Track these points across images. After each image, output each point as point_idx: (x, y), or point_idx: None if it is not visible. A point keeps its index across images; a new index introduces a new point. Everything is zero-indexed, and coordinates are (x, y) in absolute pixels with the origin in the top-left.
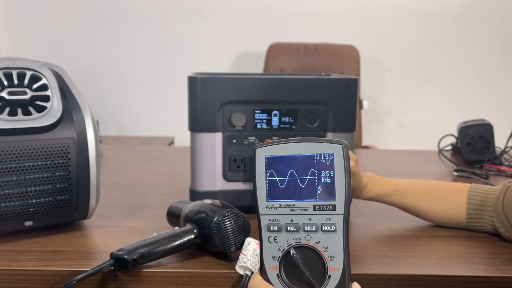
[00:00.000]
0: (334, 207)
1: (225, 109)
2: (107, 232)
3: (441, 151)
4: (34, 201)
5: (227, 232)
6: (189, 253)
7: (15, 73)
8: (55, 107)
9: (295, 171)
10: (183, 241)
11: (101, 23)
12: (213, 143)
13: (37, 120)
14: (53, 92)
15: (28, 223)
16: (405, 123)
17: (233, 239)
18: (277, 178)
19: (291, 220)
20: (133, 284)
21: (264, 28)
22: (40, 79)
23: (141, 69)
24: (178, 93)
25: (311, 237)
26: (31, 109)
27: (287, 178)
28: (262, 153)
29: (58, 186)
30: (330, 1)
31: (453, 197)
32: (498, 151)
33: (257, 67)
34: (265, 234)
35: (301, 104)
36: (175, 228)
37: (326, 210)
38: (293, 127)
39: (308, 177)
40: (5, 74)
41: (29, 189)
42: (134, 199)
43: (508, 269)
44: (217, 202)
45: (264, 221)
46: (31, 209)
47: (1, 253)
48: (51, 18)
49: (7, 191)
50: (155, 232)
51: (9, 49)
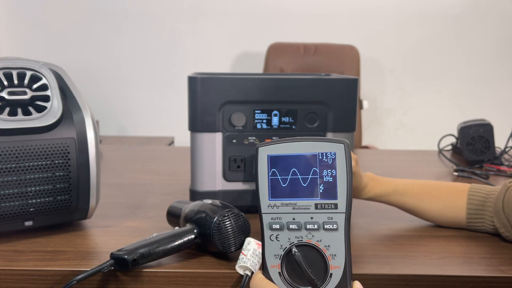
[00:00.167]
0: (336, 206)
1: (225, 109)
2: (107, 232)
3: (441, 151)
4: (34, 201)
5: (227, 232)
6: (189, 253)
7: (15, 73)
8: (55, 107)
9: (297, 170)
10: (183, 241)
11: (101, 23)
12: (213, 143)
13: (37, 120)
14: (53, 92)
15: (28, 223)
16: (405, 123)
17: (233, 239)
18: (279, 177)
19: (293, 218)
20: (133, 284)
21: (264, 28)
22: (40, 79)
23: (141, 69)
24: (178, 93)
25: (313, 236)
26: (31, 109)
27: (289, 177)
28: (264, 152)
29: (58, 186)
30: (330, 1)
31: (453, 197)
32: (498, 151)
33: (257, 67)
34: (267, 232)
35: (301, 104)
36: (175, 228)
37: (328, 208)
38: (293, 127)
39: (310, 176)
40: (5, 74)
41: (29, 189)
42: (134, 199)
43: (508, 269)
44: (217, 202)
45: (266, 219)
46: (31, 209)
47: (1, 253)
48: (51, 18)
49: (7, 191)
50: (155, 232)
51: (9, 49)
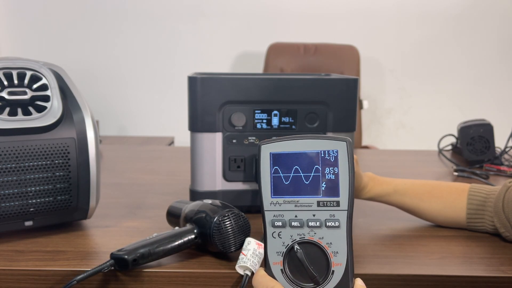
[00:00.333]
0: (338, 203)
1: (225, 109)
2: (107, 232)
3: (441, 151)
4: (34, 201)
5: (227, 232)
6: (189, 253)
7: (15, 73)
8: (55, 107)
9: (299, 168)
10: (183, 241)
11: (101, 23)
12: (213, 143)
13: (37, 120)
14: (53, 92)
15: (28, 223)
16: (405, 123)
17: (233, 239)
18: (281, 174)
19: (295, 216)
20: (133, 284)
21: (264, 28)
22: (40, 79)
23: (141, 69)
24: (178, 93)
25: (315, 233)
26: (31, 109)
27: (292, 174)
28: (267, 150)
29: (58, 186)
30: (330, 1)
31: (453, 197)
32: (498, 151)
33: (257, 67)
34: (269, 229)
35: (301, 104)
36: (175, 228)
37: (330, 206)
38: (293, 127)
39: (312, 174)
40: (5, 74)
41: (29, 189)
42: (134, 199)
43: (508, 269)
44: (217, 202)
45: (268, 216)
46: (31, 209)
47: (1, 253)
48: (51, 18)
49: (7, 191)
50: (155, 232)
51: (9, 49)
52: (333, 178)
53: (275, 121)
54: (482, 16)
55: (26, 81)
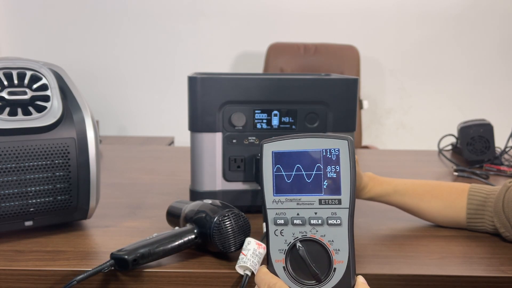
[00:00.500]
0: (339, 201)
1: (225, 109)
2: (107, 232)
3: (441, 151)
4: (34, 201)
5: (227, 232)
6: (189, 253)
7: (15, 73)
8: (55, 107)
9: (301, 166)
10: (183, 241)
11: (101, 23)
12: (213, 143)
13: (37, 120)
14: (53, 92)
15: (28, 223)
16: (405, 123)
17: (233, 239)
18: (283, 173)
19: (297, 214)
20: (133, 284)
21: (264, 28)
22: (40, 79)
23: (141, 69)
24: (178, 93)
25: (317, 231)
26: (31, 109)
27: (294, 173)
28: (269, 149)
29: (58, 186)
30: (330, 1)
31: (453, 197)
32: (498, 151)
33: (257, 67)
34: (271, 227)
35: (301, 104)
36: (175, 228)
37: (331, 204)
38: (293, 127)
39: (314, 172)
40: (5, 74)
41: (29, 189)
42: (134, 199)
43: (508, 269)
44: (217, 202)
45: (271, 214)
46: (31, 209)
47: (1, 253)
48: (51, 18)
49: (7, 191)
50: (155, 232)
51: (9, 49)
52: (335, 176)
53: (275, 121)
54: (482, 16)
55: (26, 81)
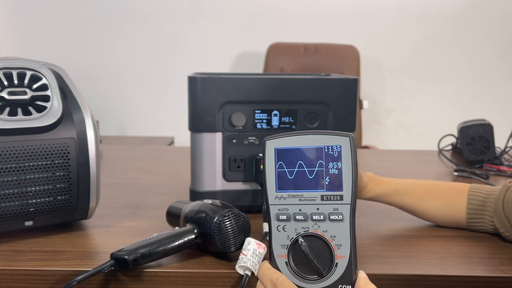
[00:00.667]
0: (341, 197)
1: (225, 109)
2: (107, 232)
3: (441, 151)
4: (34, 201)
5: (227, 232)
6: (189, 253)
7: (15, 73)
8: (55, 107)
9: (303, 163)
10: (183, 241)
11: (101, 23)
12: (213, 143)
13: (37, 120)
14: (53, 92)
15: (28, 223)
16: (405, 123)
17: (233, 239)
18: (286, 169)
19: (300, 209)
20: (133, 284)
21: (264, 28)
22: (40, 79)
23: (141, 69)
24: (178, 93)
25: (319, 226)
26: (31, 109)
27: (296, 169)
28: (271, 145)
29: (58, 186)
30: (330, 1)
31: (453, 197)
32: (498, 151)
33: (257, 67)
34: (274, 223)
35: (301, 104)
36: (176, 228)
37: (333, 200)
38: (293, 127)
39: (316, 169)
40: (5, 74)
41: (29, 189)
42: (134, 199)
43: (508, 269)
44: (217, 202)
45: (273, 210)
46: (31, 209)
47: (1, 253)
48: (51, 18)
49: (7, 191)
50: (155, 232)
51: (9, 49)
52: (337, 172)
53: (275, 121)
54: (482, 16)
55: (26, 81)
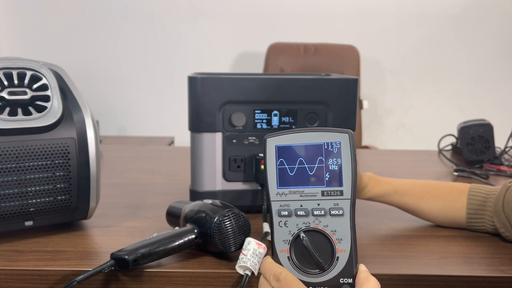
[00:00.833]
0: (341, 193)
1: (225, 109)
2: (107, 232)
3: (441, 151)
4: (34, 201)
5: (227, 232)
6: (189, 253)
7: (15, 73)
8: (55, 107)
9: (304, 159)
10: (183, 241)
11: (101, 23)
12: (213, 143)
13: (37, 120)
14: (53, 92)
15: (28, 223)
16: (405, 123)
17: (233, 239)
18: (286, 166)
19: (301, 205)
20: (133, 284)
21: (264, 28)
22: (40, 79)
23: (141, 69)
24: (178, 93)
25: (320, 221)
26: (31, 109)
27: (296, 166)
28: (272, 143)
29: (58, 186)
30: (330, 1)
31: (453, 197)
32: (498, 151)
33: (257, 67)
34: (276, 219)
35: (301, 104)
36: (176, 228)
37: (334, 195)
38: (293, 127)
39: (316, 165)
40: (5, 74)
41: (29, 189)
42: (134, 199)
43: (508, 269)
44: (217, 202)
45: (275, 206)
46: (31, 209)
47: (1, 253)
48: (51, 18)
49: (7, 191)
50: (155, 232)
51: (9, 49)
52: (336, 168)
53: (275, 121)
54: (482, 16)
55: (26, 81)
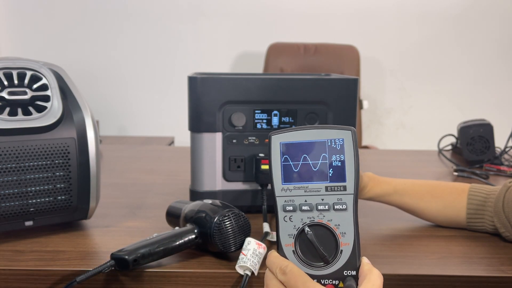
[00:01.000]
0: (344, 188)
1: (225, 109)
2: (107, 232)
3: (441, 151)
4: (34, 201)
5: (227, 232)
6: (189, 253)
7: (15, 73)
8: (55, 107)
9: (308, 156)
10: (183, 241)
11: (101, 23)
12: (213, 143)
13: (37, 120)
14: (53, 92)
15: (28, 223)
16: (405, 123)
17: (233, 239)
18: (291, 162)
19: (305, 200)
20: (133, 284)
21: (264, 28)
22: (40, 79)
23: (141, 69)
24: (178, 93)
25: (324, 216)
26: (31, 109)
27: (301, 162)
28: (277, 140)
29: (58, 186)
30: (330, 1)
31: (453, 197)
32: (498, 151)
33: (257, 67)
34: (281, 214)
35: (301, 104)
36: (176, 228)
37: (337, 190)
38: (293, 127)
39: (320, 161)
40: (5, 74)
41: (29, 189)
42: (134, 199)
43: (508, 269)
44: (217, 202)
45: (280, 202)
46: (31, 209)
47: (1, 253)
48: (51, 18)
49: (7, 191)
50: (155, 232)
51: (9, 49)
52: (340, 164)
53: (275, 121)
54: (482, 16)
55: (26, 81)
